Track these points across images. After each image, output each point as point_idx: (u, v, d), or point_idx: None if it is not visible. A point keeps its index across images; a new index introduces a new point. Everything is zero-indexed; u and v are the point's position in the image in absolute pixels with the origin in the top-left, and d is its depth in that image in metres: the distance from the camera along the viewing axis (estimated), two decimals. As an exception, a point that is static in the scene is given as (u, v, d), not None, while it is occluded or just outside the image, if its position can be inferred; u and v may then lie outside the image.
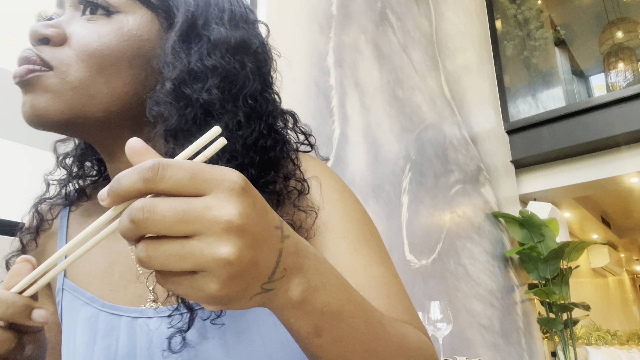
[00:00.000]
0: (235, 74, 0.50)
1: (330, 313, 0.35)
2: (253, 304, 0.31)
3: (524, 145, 3.50)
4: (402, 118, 2.24)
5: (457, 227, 2.50)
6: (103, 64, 0.47)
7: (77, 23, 0.49)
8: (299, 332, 0.35)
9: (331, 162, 1.72)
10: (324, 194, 0.53)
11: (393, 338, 0.40)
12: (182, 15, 0.49)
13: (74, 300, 0.53)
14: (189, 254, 0.27)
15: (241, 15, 0.54)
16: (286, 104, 0.62)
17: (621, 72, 4.53)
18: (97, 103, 0.47)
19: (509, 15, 4.29)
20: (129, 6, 0.49)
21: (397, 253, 1.94)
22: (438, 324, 1.53)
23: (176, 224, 0.27)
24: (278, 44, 0.60)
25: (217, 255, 0.27)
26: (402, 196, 2.09)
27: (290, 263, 0.32)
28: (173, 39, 0.48)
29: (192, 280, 0.28)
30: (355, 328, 0.36)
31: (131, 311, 0.50)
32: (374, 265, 0.49)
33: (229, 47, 0.50)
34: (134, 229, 0.27)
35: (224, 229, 0.27)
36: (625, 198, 4.56)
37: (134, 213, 0.27)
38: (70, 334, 0.53)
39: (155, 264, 0.27)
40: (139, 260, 0.28)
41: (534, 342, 3.02)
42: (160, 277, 0.29)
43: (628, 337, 5.11)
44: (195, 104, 0.47)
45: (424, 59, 2.60)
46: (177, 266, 0.27)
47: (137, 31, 0.49)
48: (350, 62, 1.97)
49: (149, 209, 0.27)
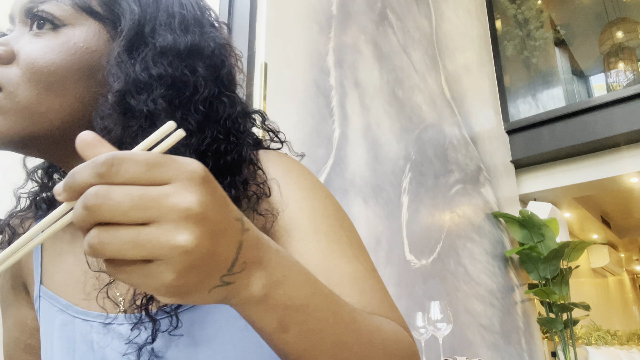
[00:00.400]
0: (185, 81, 0.48)
1: (295, 307, 0.34)
2: (213, 298, 0.30)
3: (524, 145, 3.50)
4: (402, 118, 2.24)
5: (457, 227, 2.50)
6: (51, 80, 0.46)
7: (25, 39, 0.48)
8: (264, 328, 0.34)
9: (331, 162, 1.72)
10: (291, 193, 0.51)
11: (364, 330, 0.39)
12: (127, 24, 0.48)
13: (50, 307, 0.54)
14: (145, 241, 0.26)
15: (194, 18, 0.52)
16: (286, 104, 0.62)
17: (621, 72, 4.53)
18: (49, 120, 0.47)
19: (509, 15, 4.28)
20: (75, 18, 0.48)
21: (397, 253, 1.94)
22: (438, 324, 1.53)
23: (132, 210, 0.26)
24: (278, 44, 0.60)
25: (174, 243, 0.26)
26: (402, 196, 2.09)
27: (250, 256, 0.31)
28: (118, 49, 0.47)
29: (146, 269, 0.26)
30: (323, 321, 0.35)
31: (103, 317, 0.50)
32: (345, 262, 0.48)
33: (177, 53, 0.49)
34: (88, 215, 0.26)
35: (182, 216, 0.26)
36: (625, 198, 4.56)
37: (87, 199, 0.26)
38: (48, 340, 0.53)
39: (107, 251, 0.26)
40: (89, 247, 0.26)
41: (534, 342, 3.02)
42: (111, 267, 0.27)
43: (628, 337, 5.11)
44: (140, 115, 0.46)
45: (424, 59, 2.60)
46: (131, 254, 0.26)
47: (83, 44, 0.48)
48: (350, 62, 1.97)
49: (103, 194, 0.26)
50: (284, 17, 1.66)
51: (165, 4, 0.51)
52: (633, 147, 3.24)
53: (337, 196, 1.69)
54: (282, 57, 1.61)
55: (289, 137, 0.64)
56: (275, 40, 1.59)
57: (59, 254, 0.56)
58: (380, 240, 1.86)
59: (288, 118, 1.56)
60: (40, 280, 0.56)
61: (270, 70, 1.52)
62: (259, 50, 1.53)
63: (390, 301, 0.49)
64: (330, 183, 1.67)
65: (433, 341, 1.75)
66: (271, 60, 1.54)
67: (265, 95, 1.47)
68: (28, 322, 0.60)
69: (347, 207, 1.73)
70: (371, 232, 1.82)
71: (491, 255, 2.83)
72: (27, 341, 0.60)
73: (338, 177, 1.72)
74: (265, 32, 1.55)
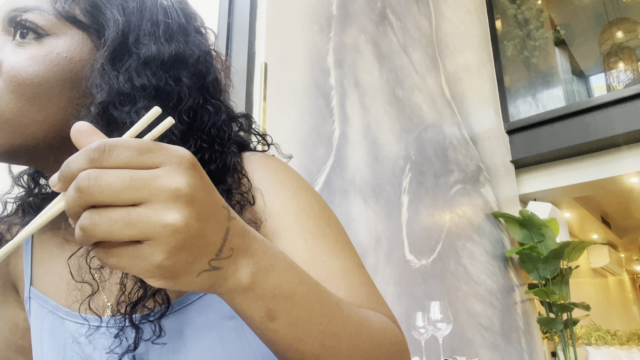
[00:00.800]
0: (169, 91, 0.48)
1: (282, 295, 0.34)
2: (201, 283, 0.30)
3: (524, 145, 3.50)
4: (402, 118, 2.24)
5: (457, 227, 2.51)
6: (34, 92, 0.46)
7: (8, 49, 0.47)
8: (253, 317, 0.34)
9: (331, 162, 1.72)
10: (277, 193, 0.52)
11: (352, 320, 0.39)
12: (111, 33, 0.47)
13: (40, 308, 0.54)
14: (136, 220, 0.26)
15: (179, 26, 0.51)
16: (286, 104, 0.62)
17: (621, 72, 4.53)
18: (32, 132, 0.46)
19: (509, 15, 4.28)
20: (59, 28, 0.47)
21: (397, 253, 1.94)
22: (438, 324, 1.53)
23: (123, 190, 0.26)
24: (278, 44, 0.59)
25: (165, 221, 0.26)
26: (402, 196, 2.09)
27: (237, 244, 0.32)
28: (102, 60, 0.47)
29: (136, 251, 0.27)
30: (310, 310, 0.36)
31: (92, 320, 0.50)
32: (332, 258, 0.48)
33: (161, 63, 0.48)
34: (79, 197, 0.26)
35: (172, 196, 0.27)
36: (625, 198, 4.56)
37: (79, 181, 0.26)
38: (38, 342, 0.54)
39: (98, 232, 0.26)
40: (81, 230, 0.26)
41: (534, 342, 3.02)
42: (101, 251, 0.27)
43: (628, 337, 5.11)
44: (123, 127, 0.46)
45: (424, 59, 2.60)
46: (122, 233, 0.26)
47: (67, 54, 0.47)
48: (350, 62, 1.97)
49: (95, 176, 0.26)
50: (284, 17, 1.66)
51: (150, 13, 0.50)
52: (633, 147, 3.24)
53: (337, 196, 1.69)
54: (282, 57, 1.61)
55: (288, 137, 0.64)
56: (275, 40, 1.59)
57: (49, 256, 0.56)
58: (380, 240, 1.86)
59: (288, 118, 1.56)
60: (30, 282, 0.56)
61: (270, 70, 1.52)
62: (259, 50, 1.53)
63: (378, 295, 0.49)
64: (330, 183, 1.67)
65: (433, 341, 1.75)
66: (271, 60, 1.54)
67: (265, 95, 1.47)
68: (19, 322, 0.60)
69: (347, 207, 1.73)
70: (371, 232, 1.82)
71: (491, 255, 2.83)
72: (18, 342, 0.60)
73: (338, 177, 1.72)
74: (265, 32, 1.55)
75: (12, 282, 0.60)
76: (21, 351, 0.60)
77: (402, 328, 1.88)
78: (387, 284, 1.83)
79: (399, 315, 1.83)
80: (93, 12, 0.49)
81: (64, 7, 0.47)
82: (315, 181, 1.61)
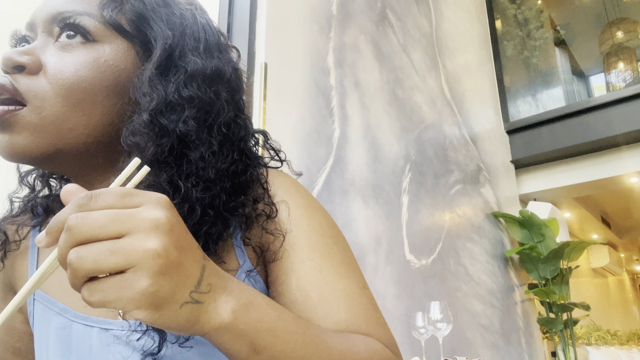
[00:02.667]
0: (211, 104, 0.50)
1: (264, 330, 0.36)
2: (185, 316, 0.32)
3: (524, 145, 3.50)
4: (402, 118, 2.24)
5: (457, 227, 2.50)
6: (80, 97, 0.46)
7: (52, 51, 0.48)
8: (238, 354, 0.36)
9: (331, 162, 1.72)
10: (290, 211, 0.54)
11: (335, 351, 0.41)
12: (160, 47, 0.49)
13: (46, 310, 0.54)
14: (120, 248, 0.29)
15: (215, 43, 0.54)
16: (286, 104, 0.63)
17: (621, 72, 4.53)
18: (75, 136, 0.47)
19: (509, 15, 4.28)
20: (106, 36, 0.48)
21: (397, 253, 1.94)
22: (438, 324, 1.53)
23: (108, 224, 0.29)
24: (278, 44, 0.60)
25: (146, 246, 0.29)
26: (402, 196, 2.09)
27: (214, 281, 0.35)
28: (151, 70, 0.48)
29: (121, 281, 0.29)
30: (292, 343, 0.38)
31: (103, 322, 0.50)
32: (337, 279, 0.50)
33: (204, 78, 0.50)
34: (69, 236, 0.29)
35: (152, 226, 0.30)
36: (625, 198, 4.56)
37: (68, 222, 0.29)
38: (43, 344, 0.53)
39: (85, 263, 0.28)
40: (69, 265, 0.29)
41: (534, 342, 3.02)
42: (86, 290, 0.29)
43: (628, 337, 5.11)
44: (172, 135, 0.48)
45: (424, 59, 2.60)
46: (107, 262, 0.29)
47: (113, 62, 0.48)
48: (350, 62, 1.97)
49: (82, 215, 0.29)
50: (284, 17, 1.66)
51: (191, 30, 0.52)
52: (633, 147, 3.24)
53: (337, 196, 1.69)
54: (282, 57, 1.61)
55: (288, 137, 0.65)
56: (275, 40, 1.59)
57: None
58: (380, 240, 1.86)
59: (288, 118, 1.56)
60: None
61: (270, 70, 1.52)
62: (259, 50, 1.53)
63: (379, 318, 0.51)
64: (330, 183, 1.67)
65: (433, 341, 1.76)
66: (271, 60, 1.54)
67: (265, 95, 1.47)
68: (16, 325, 0.59)
69: (347, 207, 1.73)
70: (371, 232, 1.82)
71: (491, 255, 2.83)
72: (15, 344, 0.59)
73: (338, 177, 1.72)
74: (265, 32, 1.55)
75: (10, 285, 0.60)
76: (17, 354, 0.60)
77: (402, 328, 1.88)
78: (387, 284, 1.83)
79: (399, 315, 1.84)
80: (138, 24, 0.50)
81: (112, 15, 0.49)
82: (315, 181, 1.61)
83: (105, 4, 0.49)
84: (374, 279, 1.76)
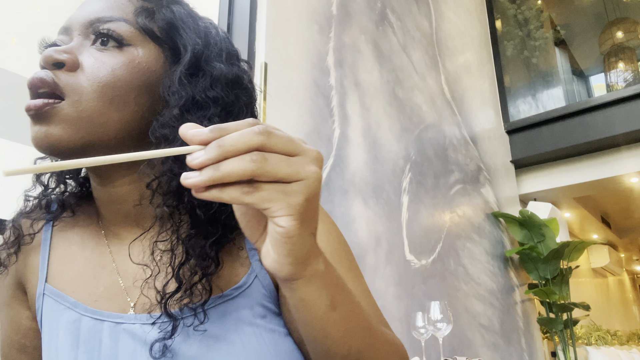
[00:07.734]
0: (232, 106, 0.55)
1: (341, 286, 0.41)
2: (308, 244, 0.35)
3: (524, 145, 3.50)
4: (402, 118, 2.24)
5: (457, 227, 2.50)
6: (115, 94, 0.50)
7: (88, 52, 0.51)
8: (320, 306, 0.39)
9: (331, 162, 1.72)
10: None
11: (374, 325, 0.46)
12: (189, 52, 0.54)
13: (55, 305, 0.55)
14: (295, 162, 0.33)
15: (235, 54, 0.60)
16: (286, 104, 0.64)
17: (621, 72, 4.53)
18: (107, 131, 0.50)
19: (509, 15, 4.28)
20: (139, 40, 0.53)
21: (397, 253, 1.94)
22: (438, 324, 1.53)
23: (289, 142, 0.33)
24: (278, 44, 0.59)
25: (314, 169, 0.34)
26: (402, 196, 2.09)
27: None
28: (181, 72, 0.53)
29: (286, 187, 0.33)
30: (355, 305, 0.42)
31: (114, 316, 0.52)
32: (349, 282, 0.53)
33: (227, 82, 0.55)
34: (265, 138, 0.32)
35: (316, 157, 0.35)
36: (625, 198, 4.55)
37: (264, 127, 0.32)
38: (52, 339, 0.54)
39: (269, 164, 0.32)
40: (252, 161, 0.31)
41: (534, 342, 3.02)
42: (245, 188, 0.32)
43: (628, 337, 5.11)
44: None
45: (424, 59, 2.60)
46: (284, 170, 0.32)
47: (146, 64, 0.53)
48: (350, 62, 1.97)
49: (273, 128, 0.33)
50: (284, 17, 1.66)
51: (215, 40, 0.58)
52: (633, 147, 3.24)
53: (337, 196, 1.69)
54: (282, 57, 1.61)
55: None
56: (275, 40, 1.59)
57: (68, 254, 0.58)
58: (380, 240, 1.86)
59: (288, 118, 1.56)
60: (45, 279, 0.57)
61: (270, 70, 1.52)
62: (259, 50, 1.53)
63: (385, 321, 0.55)
64: (330, 183, 1.67)
65: (433, 341, 1.76)
66: (271, 60, 1.54)
67: (265, 95, 1.47)
68: (22, 321, 0.61)
69: (347, 207, 1.73)
70: (371, 232, 1.82)
71: (491, 255, 2.83)
72: (20, 340, 0.61)
73: (338, 177, 1.72)
74: (265, 32, 1.55)
75: (18, 281, 0.61)
76: (23, 350, 0.61)
77: (402, 328, 1.88)
78: (387, 284, 1.83)
79: (399, 315, 1.84)
80: (168, 31, 0.55)
81: (145, 22, 0.53)
82: (315, 181, 1.61)
83: (139, 12, 0.54)
84: (374, 279, 1.76)
